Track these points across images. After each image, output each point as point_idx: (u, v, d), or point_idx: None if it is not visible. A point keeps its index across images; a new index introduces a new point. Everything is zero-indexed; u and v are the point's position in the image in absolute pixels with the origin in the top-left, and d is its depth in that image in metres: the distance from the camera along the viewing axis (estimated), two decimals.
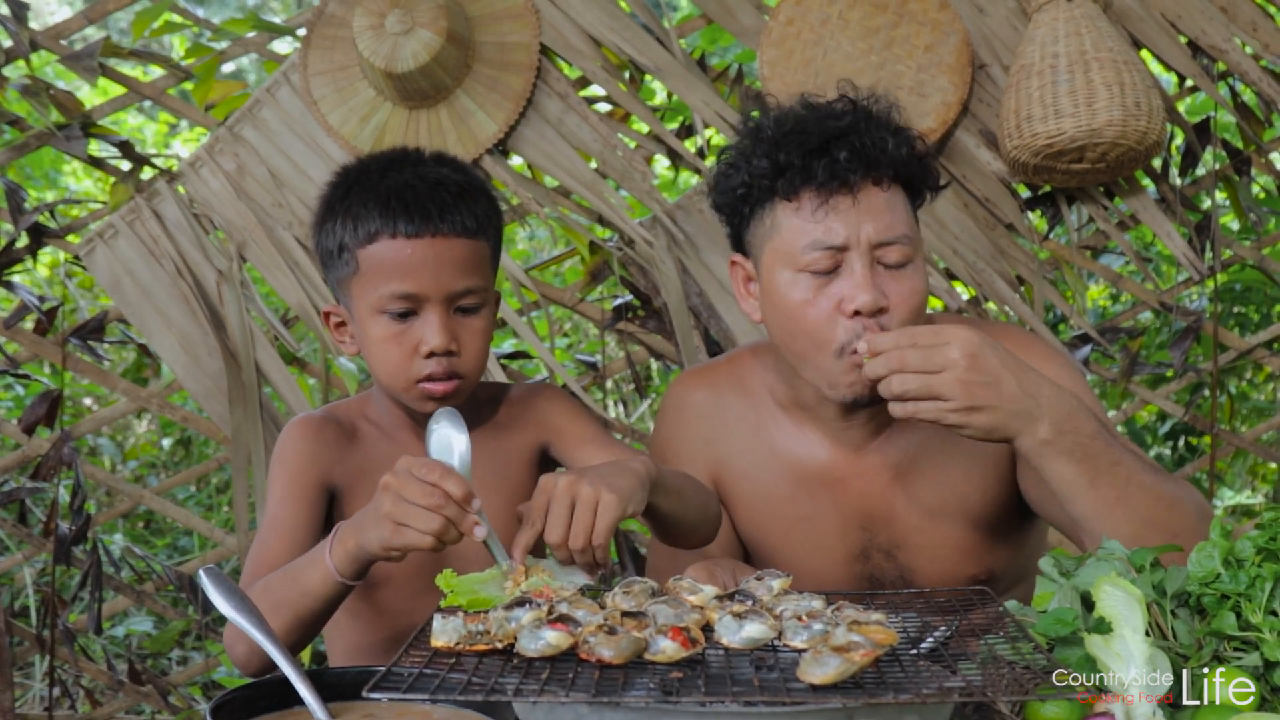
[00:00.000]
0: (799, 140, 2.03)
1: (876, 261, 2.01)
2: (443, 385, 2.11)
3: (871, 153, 2.00)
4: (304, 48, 3.29)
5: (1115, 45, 3.09)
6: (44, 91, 3.33)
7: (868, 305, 1.97)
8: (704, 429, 2.33)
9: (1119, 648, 1.50)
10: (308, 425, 2.23)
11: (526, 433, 2.34)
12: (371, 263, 2.10)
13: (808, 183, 2.01)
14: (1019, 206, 3.35)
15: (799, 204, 2.02)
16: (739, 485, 2.30)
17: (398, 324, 2.10)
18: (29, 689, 3.97)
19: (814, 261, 2.00)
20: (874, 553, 2.24)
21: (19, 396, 5.28)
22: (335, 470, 2.21)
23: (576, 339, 5.88)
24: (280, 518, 2.16)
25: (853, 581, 2.25)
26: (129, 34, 6.08)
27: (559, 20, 3.32)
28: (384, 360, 2.13)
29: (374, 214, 2.09)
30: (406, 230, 2.07)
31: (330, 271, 2.19)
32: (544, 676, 1.38)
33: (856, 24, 3.24)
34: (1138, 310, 3.72)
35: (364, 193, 2.12)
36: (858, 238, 1.99)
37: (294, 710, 1.60)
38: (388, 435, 2.27)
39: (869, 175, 2.00)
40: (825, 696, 1.30)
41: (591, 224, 3.46)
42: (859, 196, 2.00)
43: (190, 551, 5.08)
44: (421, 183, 2.11)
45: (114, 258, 3.33)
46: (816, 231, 2.00)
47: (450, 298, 2.11)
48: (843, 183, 1.99)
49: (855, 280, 1.98)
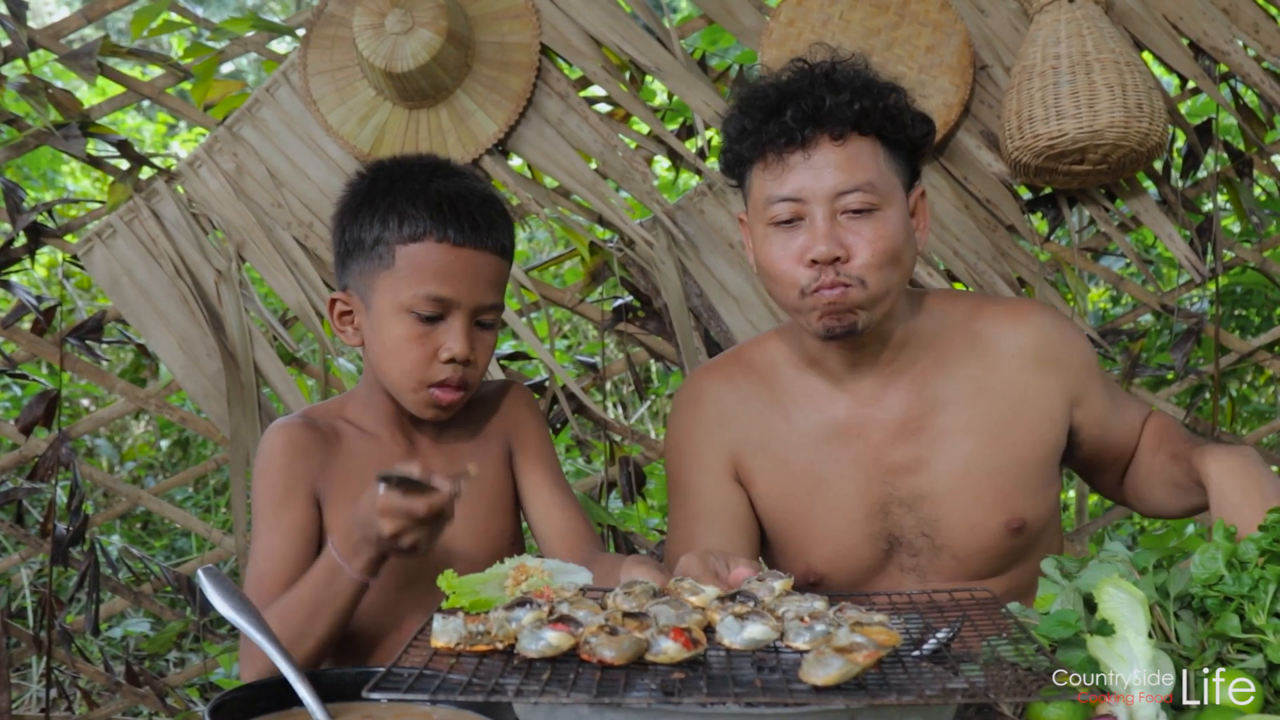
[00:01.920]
0: (755, 105, 2.17)
1: (841, 211, 2.11)
2: (452, 395, 2.18)
3: (814, 110, 2.11)
4: (303, 47, 3.29)
5: (1117, 46, 3.08)
6: (42, 90, 3.32)
7: (823, 255, 2.09)
8: (717, 413, 2.37)
9: (1121, 649, 1.50)
10: (289, 436, 2.23)
11: (499, 433, 2.39)
12: (411, 261, 2.13)
13: (764, 143, 2.15)
14: (1020, 208, 3.34)
15: (764, 164, 2.17)
16: (756, 459, 2.33)
17: (423, 326, 2.14)
18: (26, 690, 3.97)
19: (776, 214, 2.14)
20: (895, 507, 2.25)
21: (16, 397, 5.28)
22: (320, 479, 2.21)
23: (576, 340, 5.88)
24: (275, 546, 2.16)
25: (871, 541, 2.26)
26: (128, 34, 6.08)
27: (559, 20, 3.31)
28: (401, 358, 2.16)
29: (423, 214, 2.13)
30: (456, 238, 2.13)
31: (353, 261, 2.20)
32: (545, 677, 1.37)
33: (857, 25, 3.23)
34: (1139, 313, 3.72)
35: (412, 192, 2.16)
36: (813, 191, 2.11)
37: (293, 711, 1.60)
38: (369, 435, 2.27)
39: (819, 131, 2.12)
40: (828, 698, 1.29)
41: (591, 225, 3.46)
42: (812, 152, 2.12)
43: (188, 553, 5.08)
44: (472, 195, 2.17)
45: (112, 257, 3.32)
46: (774, 187, 2.14)
47: (477, 310, 2.17)
48: (791, 140, 2.12)
49: (813, 232, 2.10)
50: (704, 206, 3.32)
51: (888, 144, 2.17)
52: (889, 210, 2.13)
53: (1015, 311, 2.33)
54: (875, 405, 2.27)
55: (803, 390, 2.31)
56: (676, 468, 2.42)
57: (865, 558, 2.27)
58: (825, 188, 2.10)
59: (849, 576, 2.29)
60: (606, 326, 3.46)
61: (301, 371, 3.54)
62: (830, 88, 2.12)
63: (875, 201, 2.11)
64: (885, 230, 2.11)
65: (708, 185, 3.33)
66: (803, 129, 2.10)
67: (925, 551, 2.25)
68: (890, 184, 2.15)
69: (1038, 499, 2.27)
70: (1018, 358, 2.27)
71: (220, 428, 3.33)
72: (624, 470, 3.46)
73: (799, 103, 2.11)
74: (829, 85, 2.13)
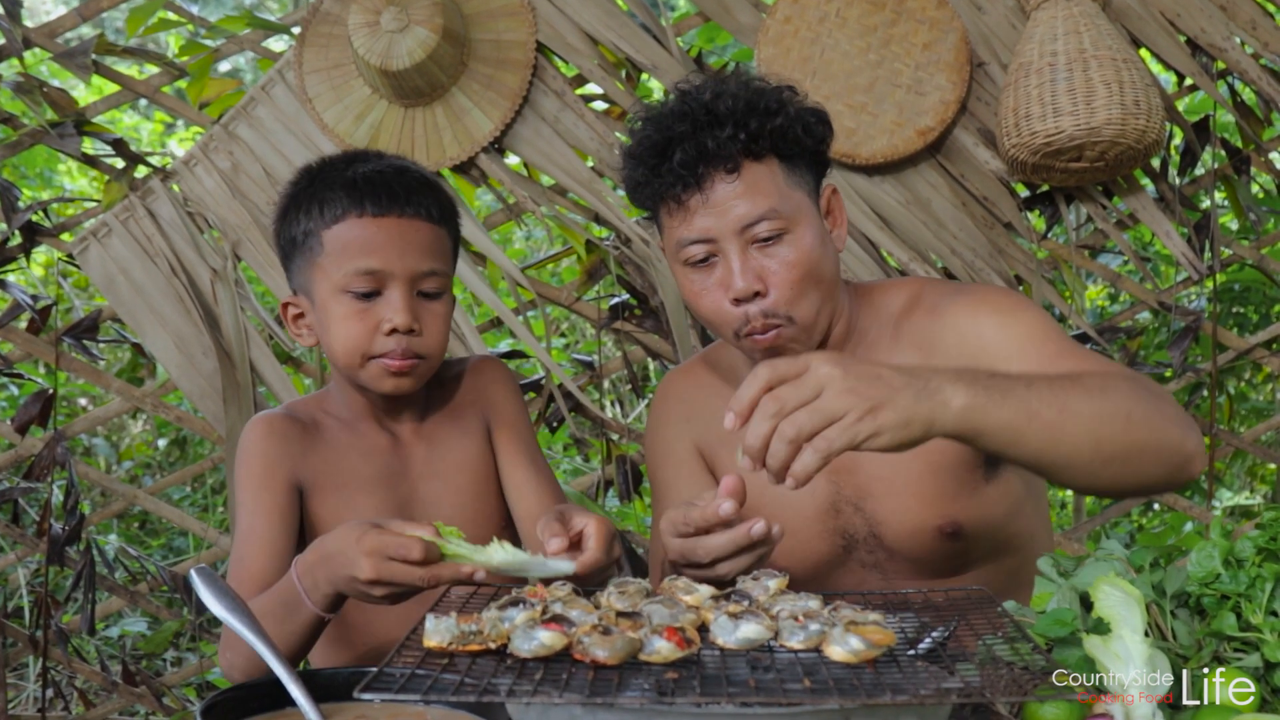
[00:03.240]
0: (645, 152, 2.12)
1: (751, 243, 2.08)
2: (400, 362, 2.15)
3: (700, 153, 2.06)
4: (299, 45, 3.28)
5: (1114, 43, 3.08)
6: (37, 89, 3.31)
7: (741, 292, 2.06)
8: (684, 411, 2.40)
9: (1118, 648, 1.49)
10: (269, 424, 2.24)
11: (478, 410, 2.39)
12: (337, 243, 2.14)
13: (661, 190, 2.11)
14: (1017, 205, 3.34)
15: (666, 208, 2.13)
16: (719, 455, 2.35)
17: (361, 302, 2.14)
18: (22, 690, 3.96)
19: (690, 255, 2.11)
20: (844, 506, 2.24)
21: (13, 396, 5.27)
22: (300, 467, 2.22)
23: (574, 339, 5.87)
24: (254, 528, 2.16)
25: (827, 537, 2.25)
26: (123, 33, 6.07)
27: (555, 18, 3.31)
28: (344, 337, 2.15)
29: (340, 196, 2.14)
30: (374, 210, 2.14)
31: (293, 261, 2.22)
32: (538, 677, 1.37)
33: (854, 22, 3.23)
34: (1136, 310, 3.71)
35: (330, 180, 2.18)
36: (719, 230, 2.08)
37: (285, 711, 1.59)
38: (349, 427, 2.28)
39: (710, 169, 2.07)
40: (822, 697, 1.29)
41: (588, 223, 3.45)
42: (709, 192, 2.07)
43: (185, 552, 5.07)
44: (388, 169, 2.18)
45: (108, 256, 3.31)
46: (682, 230, 2.10)
47: (414, 278, 2.15)
48: (685, 185, 2.07)
49: (729, 270, 2.08)
50: None
51: (785, 159, 2.12)
52: (800, 229, 2.09)
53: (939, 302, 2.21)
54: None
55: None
56: (653, 464, 2.46)
57: (823, 553, 2.26)
58: (729, 223, 2.07)
59: (809, 572, 2.28)
60: (603, 325, 3.45)
61: (297, 370, 3.53)
62: (713, 123, 2.07)
63: (783, 225, 2.08)
64: (799, 254, 2.08)
65: None
66: (693, 171, 2.06)
67: (879, 550, 2.24)
68: (795, 201, 2.11)
69: (971, 502, 2.21)
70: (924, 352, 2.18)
71: (216, 426, 3.33)
72: (621, 469, 3.46)
73: (683, 146, 2.07)
74: (712, 120, 2.08)
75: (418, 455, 2.30)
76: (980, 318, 2.14)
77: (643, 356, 3.52)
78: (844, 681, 1.35)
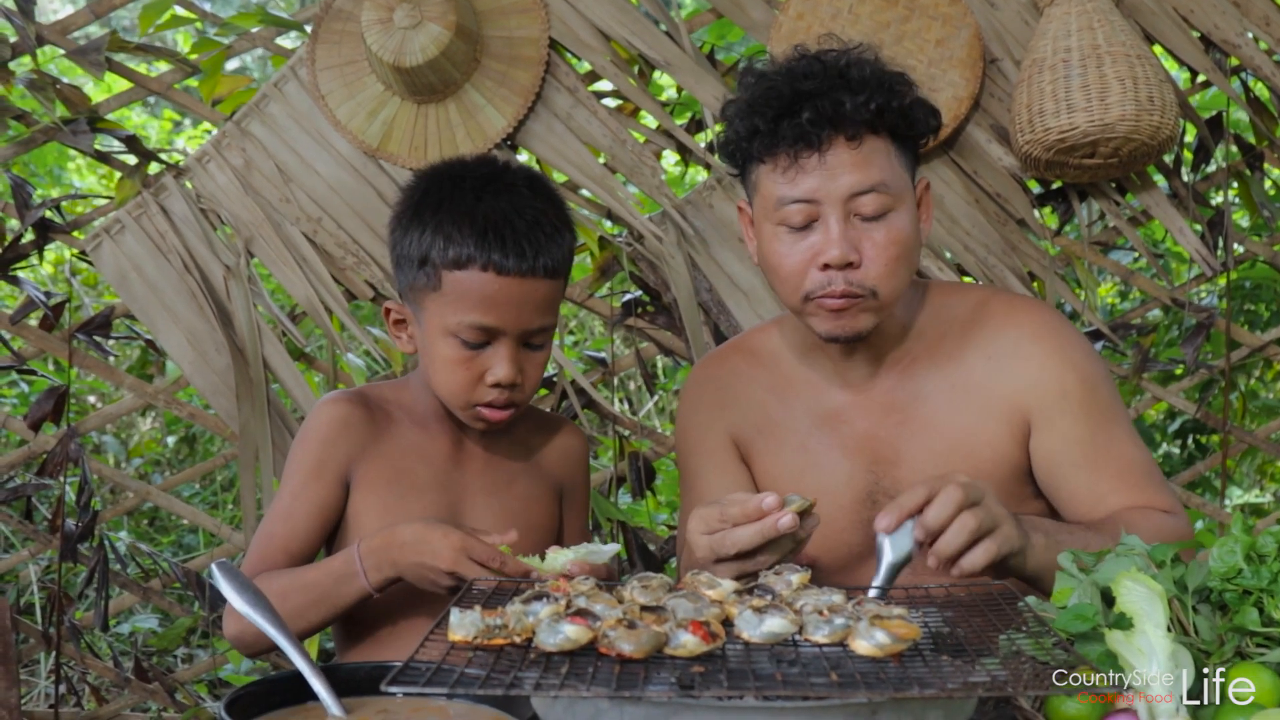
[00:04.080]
0: (768, 104, 2.11)
1: (854, 214, 2.09)
2: (499, 413, 2.19)
3: (833, 112, 2.06)
4: (311, 42, 3.28)
5: (1128, 39, 3.08)
6: (50, 86, 3.31)
7: (836, 259, 2.07)
8: (718, 397, 2.39)
9: (1140, 643, 1.49)
10: (339, 409, 2.25)
11: (553, 472, 2.43)
12: (456, 288, 2.12)
13: (777, 144, 2.09)
14: (1030, 202, 3.33)
15: (773, 164, 2.12)
16: (755, 443, 2.35)
17: (468, 350, 2.14)
18: (34, 686, 3.96)
19: (788, 216, 2.10)
20: (880, 497, 2.24)
21: (23, 393, 5.27)
22: (358, 458, 2.24)
23: (582, 336, 5.87)
24: (293, 511, 2.18)
25: (860, 528, 2.25)
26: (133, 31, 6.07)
27: (568, 14, 3.30)
28: (447, 380, 2.17)
29: (468, 240, 2.10)
30: (499, 266, 2.10)
31: (404, 274, 2.20)
32: (564, 671, 1.36)
33: (867, 18, 3.22)
34: (1148, 307, 3.71)
35: (458, 213, 2.13)
36: (828, 193, 2.08)
37: (307, 705, 1.60)
38: (420, 423, 2.30)
39: (835, 132, 2.07)
40: (849, 691, 1.28)
41: (600, 219, 3.45)
42: (826, 154, 2.07)
43: (195, 549, 5.07)
44: (520, 218, 2.12)
45: (121, 253, 3.31)
46: (787, 189, 2.10)
47: (524, 334, 2.15)
48: (807, 143, 2.07)
49: (827, 235, 2.08)
50: (713, 201, 3.32)
51: (899, 141, 2.14)
52: (900, 211, 2.12)
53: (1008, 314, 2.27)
54: (865, 393, 2.27)
55: (800, 377, 2.32)
56: (683, 453, 2.46)
57: (855, 544, 2.26)
58: (840, 190, 2.07)
59: (840, 562, 2.28)
60: (616, 321, 3.45)
61: (310, 367, 3.53)
62: (848, 88, 2.08)
63: (888, 203, 2.09)
64: (898, 234, 2.10)
65: (717, 180, 3.32)
66: (819, 131, 2.06)
67: None
68: (902, 182, 2.13)
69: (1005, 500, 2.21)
70: (994, 362, 2.23)
71: (229, 423, 3.33)
72: (633, 465, 3.46)
73: (816, 104, 2.06)
74: (846, 86, 2.08)
75: (477, 468, 2.32)
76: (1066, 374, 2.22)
77: (654, 353, 3.51)
78: (870, 675, 1.34)
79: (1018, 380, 2.20)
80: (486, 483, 2.32)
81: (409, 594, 2.15)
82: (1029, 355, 2.22)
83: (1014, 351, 2.22)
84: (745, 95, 2.17)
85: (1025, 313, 2.27)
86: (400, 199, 2.25)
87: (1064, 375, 2.20)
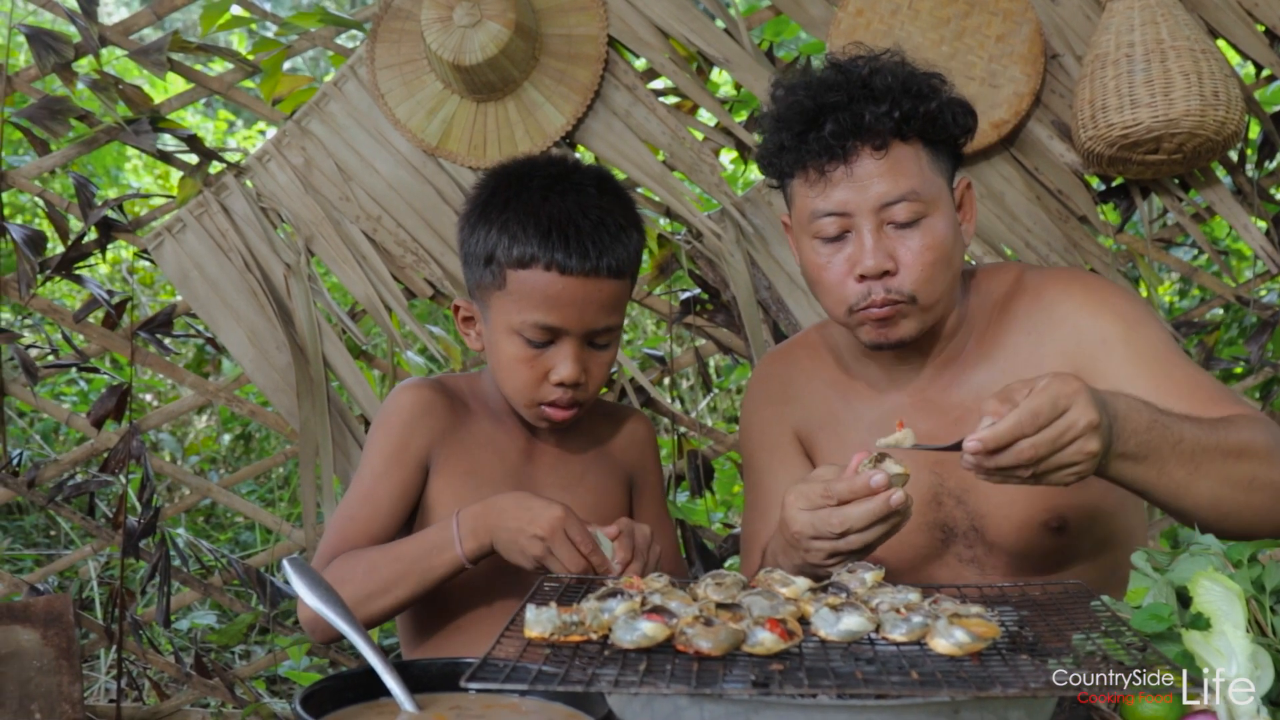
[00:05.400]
0: (793, 118, 2.12)
1: (887, 223, 2.08)
2: (563, 412, 2.21)
3: (855, 124, 2.06)
4: (371, 41, 3.29)
5: (1192, 34, 3.05)
6: (112, 87, 3.33)
7: (870, 270, 2.06)
8: (783, 392, 2.40)
9: (1219, 644, 1.47)
10: (419, 394, 2.27)
11: (622, 461, 2.44)
12: (520, 287, 2.14)
13: (804, 158, 2.10)
14: (1092, 199, 3.31)
15: (804, 178, 2.13)
16: (819, 437, 2.35)
17: (532, 349, 2.16)
18: (96, 681, 3.99)
19: (822, 229, 2.11)
20: (945, 498, 2.23)
21: (83, 391, 5.32)
22: (437, 444, 2.25)
23: (635, 334, 5.87)
24: (375, 493, 2.20)
25: (925, 530, 2.24)
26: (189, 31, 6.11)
27: (626, 12, 3.30)
28: (511, 378, 2.19)
29: (533, 239, 2.11)
30: (563, 266, 2.11)
31: (471, 271, 2.23)
32: (641, 668, 1.36)
33: (927, 14, 3.20)
34: (1210, 305, 3.68)
35: (524, 212, 2.14)
36: (858, 205, 2.07)
37: (380, 701, 1.60)
38: (494, 417, 2.32)
39: (860, 143, 2.07)
40: (932, 689, 1.28)
41: (659, 217, 3.45)
42: (853, 165, 2.07)
43: (252, 546, 5.11)
44: (584, 218, 2.14)
45: (182, 252, 3.34)
46: (819, 203, 2.10)
47: (588, 334, 2.17)
48: (832, 155, 2.07)
49: (861, 246, 2.07)
50: (772, 198, 3.30)
51: (930, 145, 2.13)
52: (936, 216, 2.10)
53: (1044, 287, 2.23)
54: (925, 395, 2.26)
55: (862, 375, 2.32)
56: (747, 448, 2.46)
57: (920, 546, 2.25)
58: (870, 200, 2.07)
59: (906, 563, 2.26)
60: (675, 319, 3.44)
61: (369, 365, 3.54)
62: (870, 98, 2.07)
63: (921, 210, 2.08)
64: (934, 239, 2.09)
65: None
66: (843, 143, 2.06)
67: (979, 545, 2.23)
68: (935, 187, 2.12)
69: (1077, 497, 2.18)
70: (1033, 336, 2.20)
71: (289, 420, 3.35)
72: (692, 464, 3.45)
73: (838, 117, 2.06)
74: (868, 95, 2.08)
75: (549, 462, 2.34)
76: (1103, 321, 2.16)
77: (712, 351, 3.51)
78: (951, 674, 1.34)
79: (1059, 344, 2.17)
80: (558, 478, 2.33)
81: (479, 591, 2.16)
82: (1063, 318, 2.19)
83: (1049, 319, 2.19)
84: (773, 109, 2.18)
85: (1054, 279, 2.26)
86: (470, 197, 2.27)
87: (1099, 323, 2.16)
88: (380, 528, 2.19)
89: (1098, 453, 1.74)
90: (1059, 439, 1.71)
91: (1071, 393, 1.72)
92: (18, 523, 5.19)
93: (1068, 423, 1.71)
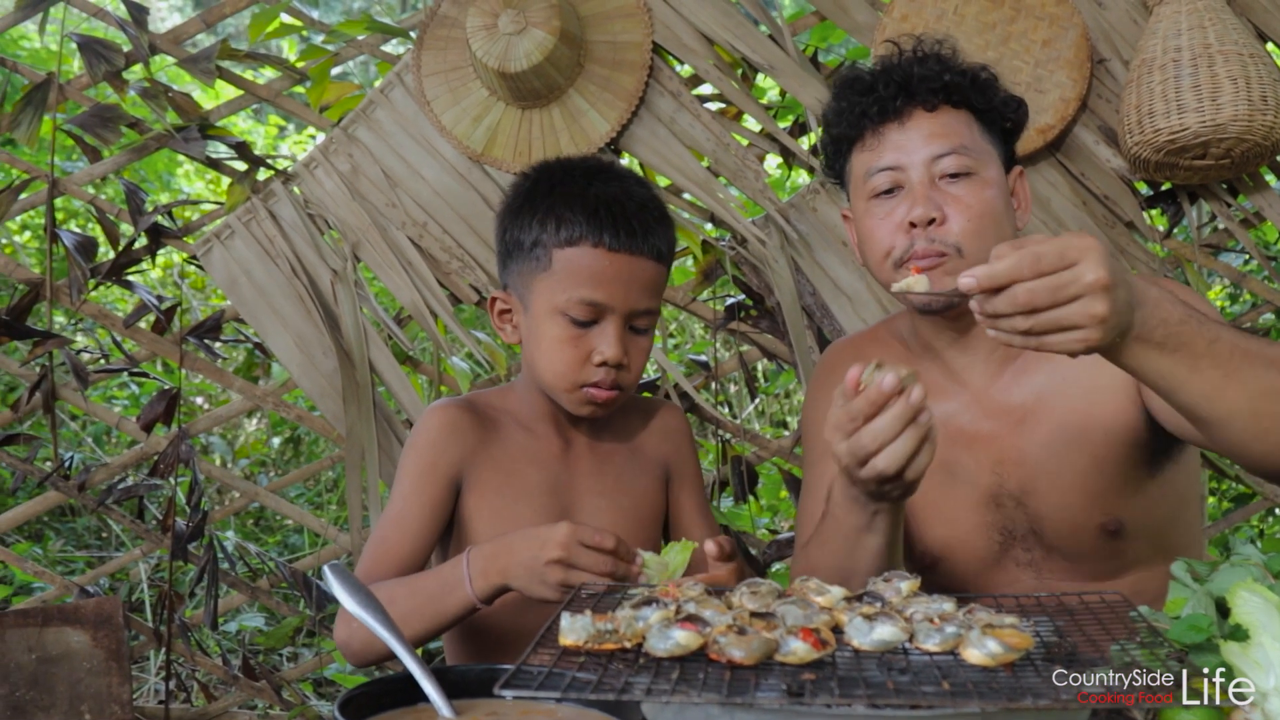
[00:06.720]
0: (851, 87, 2.27)
1: (939, 176, 2.18)
2: (606, 393, 2.22)
3: (906, 80, 2.20)
4: (417, 48, 3.31)
5: (1240, 38, 3.02)
6: (163, 94, 3.37)
7: (919, 216, 2.14)
8: None
9: (1258, 655, 1.46)
10: (446, 415, 2.28)
11: (657, 453, 2.45)
12: (567, 265, 2.18)
13: (862, 119, 2.24)
14: (1139, 204, 3.29)
15: (862, 142, 2.26)
16: None
17: (576, 329, 2.19)
18: (145, 683, 4.03)
19: (876, 185, 2.22)
20: (1005, 500, 2.24)
21: (133, 394, 5.38)
22: (468, 462, 2.27)
23: (682, 339, 5.88)
24: (405, 515, 2.21)
25: (984, 532, 2.25)
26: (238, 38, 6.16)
27: (671, 19, 3.31)
28: (554, 360, 2.21)
29: (580, 219, 2.17)
30: (611, 243, 2.17)
31: (513, 262, 2.27)
32: (674, 676, 1.36)
33: (972, 19, 3.19)
34: (1260, 311, 3.64)
35: (570, 196, 2.21)
36: (910, 160, 2.19)
37: (418, 707, 1.61)
38: (526, 428, 2.33)
39: (911, 102, 2.21)
40: (963, 700, 1.27)
41: (703, 223, 3.45)
42: (906, 123, 2.21)
43: (300, 549, 5.15)
44: (629, 200, 2.21)
45: (230, 258, 3.37)
46: (874, 160, 2.23)
47: (631, 315, 2.21)
48: (885, 112, 2.21)
49: (911, 195, 2.17)
50: (816, 204, 3.30)
51: (980, 117, 2.23)
52: (986, 176, 2.18)
53: None
54: (986, 395, 2.27)
55: (925, 371, 2.30)
56: (807, 431, 2.49)
57: (979, 548, 2.25)
58: (921, 153, 2.18)
59: (964, 565, 2.27)
60: (719, 325, 3.45)
61: (415, 370, 3.57)
62: (918, 61, 2.23)
63: (971, 165, 2.17)
64: (982, 194, 2.16)
65: (820, 183, 3.31)
66: (895, 100, 2.20)
67: (1037, 548, 2.23)
68: (985, 151, 2.21)
69: (1134, 500, 2.20)
70: None
71: (336, 425, 3.37)
72: (736, 469, 3.45)
73: (889, 75, 2.21)
74: (916, 60, 2.24)
75: (585, 469, 2.35)
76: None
77: (757, 357, 3.51)
78: (982, 685, 1.33)
79: None
80: (595, 483, 2.34)
81: (520, 605, 2.18)
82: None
83: None
84: (833, 90, 2.34)
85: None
86: (509, 193, 2.32)
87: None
88: (410, 550, 2.20)
89: (1105, 318, 1.59)
90: (1059, 290, 1.58)
91: (1084, 247, 1.59)
92: (69, 525, 5.26)
93: (1072, 276, 1.58)
